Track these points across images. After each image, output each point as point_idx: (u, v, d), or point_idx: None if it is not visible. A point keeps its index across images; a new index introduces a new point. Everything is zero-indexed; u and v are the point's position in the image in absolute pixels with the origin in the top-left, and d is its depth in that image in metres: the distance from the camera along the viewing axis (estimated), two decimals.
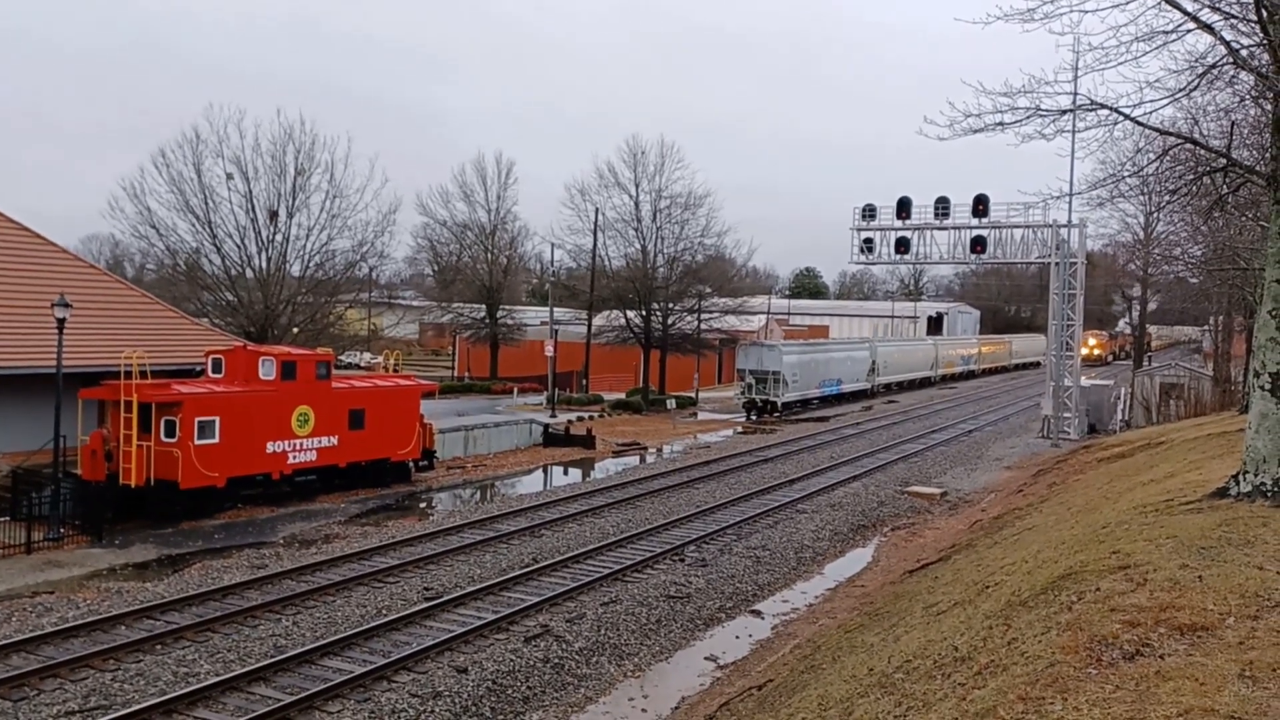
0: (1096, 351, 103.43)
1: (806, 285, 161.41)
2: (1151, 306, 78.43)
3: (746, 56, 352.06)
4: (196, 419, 25.69)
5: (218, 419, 26.18)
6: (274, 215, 41.64)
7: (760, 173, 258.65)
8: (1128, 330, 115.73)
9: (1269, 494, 12.85)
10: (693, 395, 63.11)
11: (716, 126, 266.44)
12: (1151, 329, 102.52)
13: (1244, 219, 25.80)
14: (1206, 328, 67.56)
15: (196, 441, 25.66)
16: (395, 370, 35.18)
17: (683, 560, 22.88)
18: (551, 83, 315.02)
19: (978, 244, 44.96)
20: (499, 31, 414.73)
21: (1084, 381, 48.87)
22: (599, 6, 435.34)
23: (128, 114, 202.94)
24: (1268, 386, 13.11)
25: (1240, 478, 13.39)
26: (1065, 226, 44.05)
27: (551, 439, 43.04)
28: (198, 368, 29.26)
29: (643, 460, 40.61)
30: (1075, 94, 14.25)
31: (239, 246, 41.54)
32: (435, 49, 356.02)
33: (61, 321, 23.62)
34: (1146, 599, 8.95)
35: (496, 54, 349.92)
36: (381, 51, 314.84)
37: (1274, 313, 13.12)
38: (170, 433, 25.39)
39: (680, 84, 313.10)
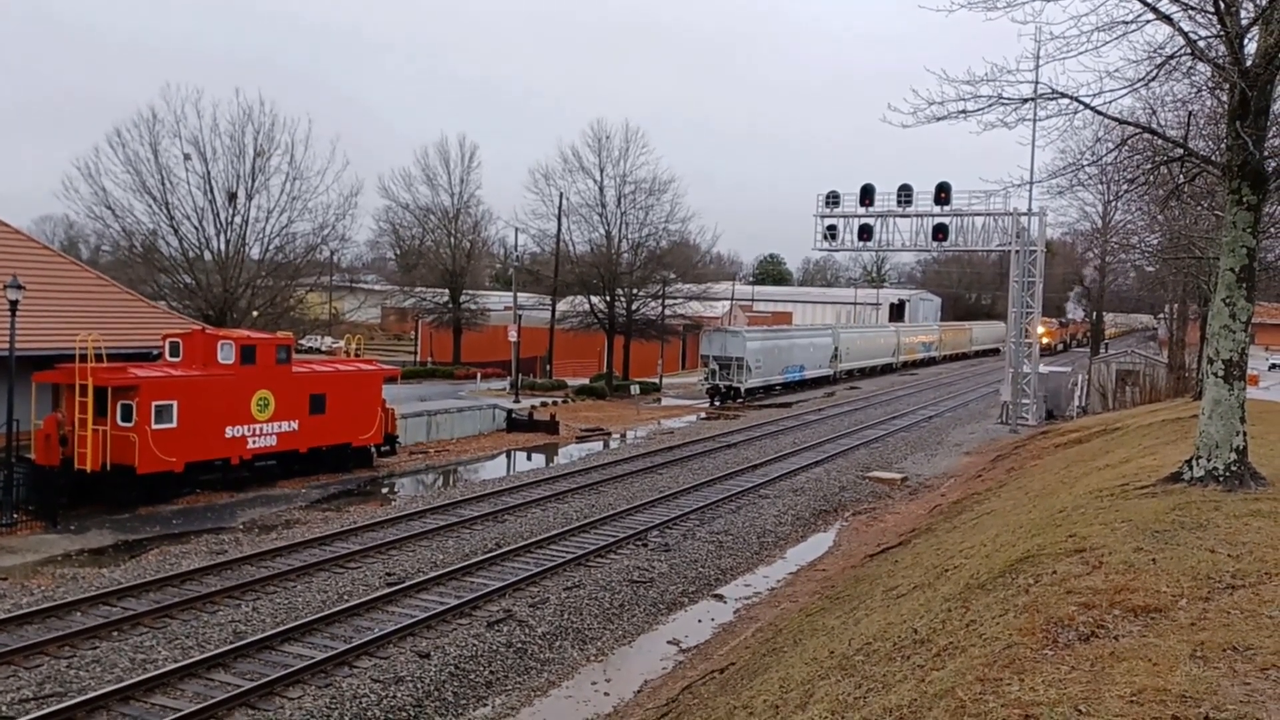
0: (1045, 340, 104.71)
1: (770, 272, 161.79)
2: (1117, 285, 79.42)
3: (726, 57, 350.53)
4: (154, 403, 25.32)
5: (175, 403, 25.81)
6: (233, 197, 40.97)
7: (728, 163, 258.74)
8: (1078, 318, 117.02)
9: (1221, 478, 13.11)
10: (657, 381, 63.16)
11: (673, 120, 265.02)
12: (1106, 316, 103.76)
13: (1200, 208, 26.22)
14: (1162, 315, 68.65)
15: (154, 426, 25.29)
16: (357, 355, 34.88)
17: (646, 545, 22.94)
18: (495, 70, 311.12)
19: (939, 231, 45.24)
20: (427, 16, 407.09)
21: (1042, 368, 49.50)
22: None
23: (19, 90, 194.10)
24: (1220, 373, 13.36)
25: (1193, 463, 13.64)
26: (1025, 214, 44.49)
27: (515, 424, 42.93)
28: (155, 351, 28.79)
29: (606, 445, 40.64)
30: (1037, 83, 14.40)
31: (197, 228, 40.87)
32: (366, 29, 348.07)
33: (14, 303, 23.17)
34: (1102, 581, 9.11)
35: (430, 39, 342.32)
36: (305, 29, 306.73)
37: (1227, 300, 13.36)
38: (127, 417, 25.00)
39: (626, 79, 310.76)
